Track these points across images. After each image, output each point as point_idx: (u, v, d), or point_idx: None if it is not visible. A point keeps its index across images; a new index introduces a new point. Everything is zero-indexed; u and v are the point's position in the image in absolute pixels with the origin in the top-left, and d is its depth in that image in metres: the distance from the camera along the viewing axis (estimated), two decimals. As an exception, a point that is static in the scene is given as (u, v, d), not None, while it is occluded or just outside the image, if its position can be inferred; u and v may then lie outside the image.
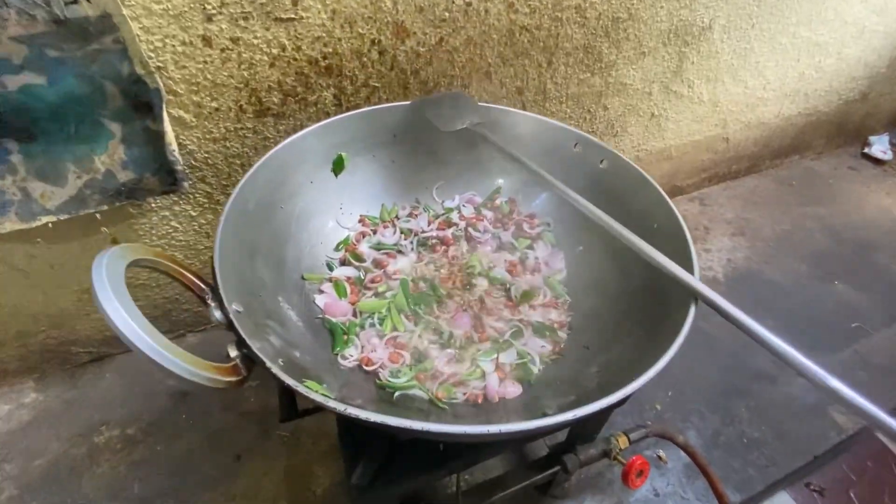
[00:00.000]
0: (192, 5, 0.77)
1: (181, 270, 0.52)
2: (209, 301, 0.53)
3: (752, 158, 1.97)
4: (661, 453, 1.09)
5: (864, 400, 0.45)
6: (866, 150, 2.25)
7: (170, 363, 0.39)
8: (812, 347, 1.35)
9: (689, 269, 0.60)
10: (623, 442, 0.85)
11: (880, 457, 0.88)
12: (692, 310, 0.56)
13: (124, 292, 0.40)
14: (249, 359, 0.50)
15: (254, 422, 1.12)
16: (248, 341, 0.48)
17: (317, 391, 0.46)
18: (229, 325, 0.50)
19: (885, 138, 2.28)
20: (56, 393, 1.14)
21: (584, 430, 0.84)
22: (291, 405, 0.66)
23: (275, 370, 0.45)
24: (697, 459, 0.88)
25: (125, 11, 0.72)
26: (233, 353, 0.49)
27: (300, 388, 0.44)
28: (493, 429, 0.42)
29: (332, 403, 0.43)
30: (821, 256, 1.69)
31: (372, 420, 0.42)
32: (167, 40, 0.79)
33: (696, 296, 0.57)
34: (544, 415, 0.45)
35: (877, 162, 2.21)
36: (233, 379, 0.45)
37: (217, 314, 0.52)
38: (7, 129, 0.75)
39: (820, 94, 1.88)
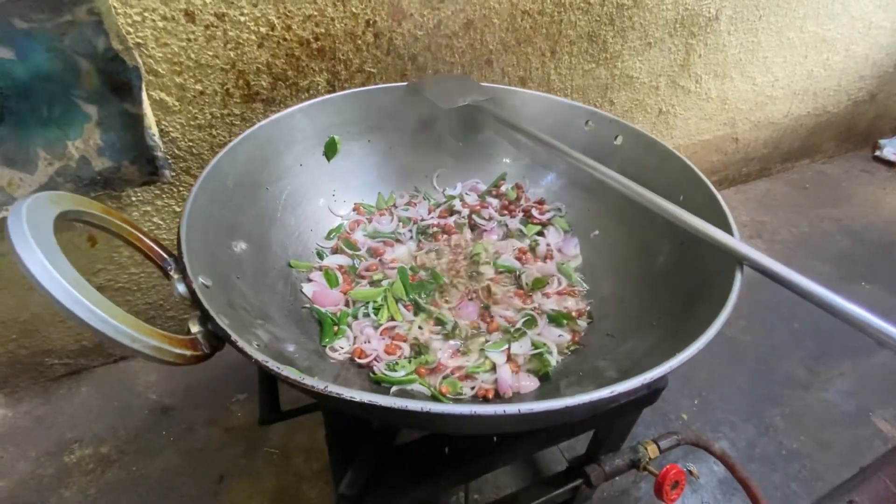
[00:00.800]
0: (173, -24, 0.72)
1: (137, 234, 0.44)
2: (172, 273, 0.45)
3: (762, 161, 1.91)
4: (692, 467, 0.97)
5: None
6: (877, 153, 2.19)
7: (100, 322, 0.31)
8: (845, 350, 1.26)
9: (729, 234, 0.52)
10: (653, 451, 0.75)
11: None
12: (738, 277, 0.48)
13: (50, 241, 0.32)
14: (216, 336, 0.42)
15: (240, 438, 1.02)
16: (212, 313, 0.40)
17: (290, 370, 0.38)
18: (192, 297, 0.42)
19: (897, 140, 2.22)
20: (26, 409, 1.05)
21: (608, 437, 0.74)
22: (273, 403, 0.57)
23: (241, 343, 0.37)
24: (737, 472, 0.78)
25: (100, -21, 0.67)
26: (194, 328, 0.41)
27: (270, 364, 0.36)
28: (511, 409, 0.34)
29: (308, 381, 0.35)
30: (843, 258, 1.60)
31: (357, 400, 0.34)
32: (147, 14, 0.74)
33: (740, 260, 0.49)
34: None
35: (890, 165, 2.15)
36: (187, 352, 0.37)
37: (180, 287, 0.44)
38: (-30, 109, 0.70)
39: (829, 93, 1.83)
